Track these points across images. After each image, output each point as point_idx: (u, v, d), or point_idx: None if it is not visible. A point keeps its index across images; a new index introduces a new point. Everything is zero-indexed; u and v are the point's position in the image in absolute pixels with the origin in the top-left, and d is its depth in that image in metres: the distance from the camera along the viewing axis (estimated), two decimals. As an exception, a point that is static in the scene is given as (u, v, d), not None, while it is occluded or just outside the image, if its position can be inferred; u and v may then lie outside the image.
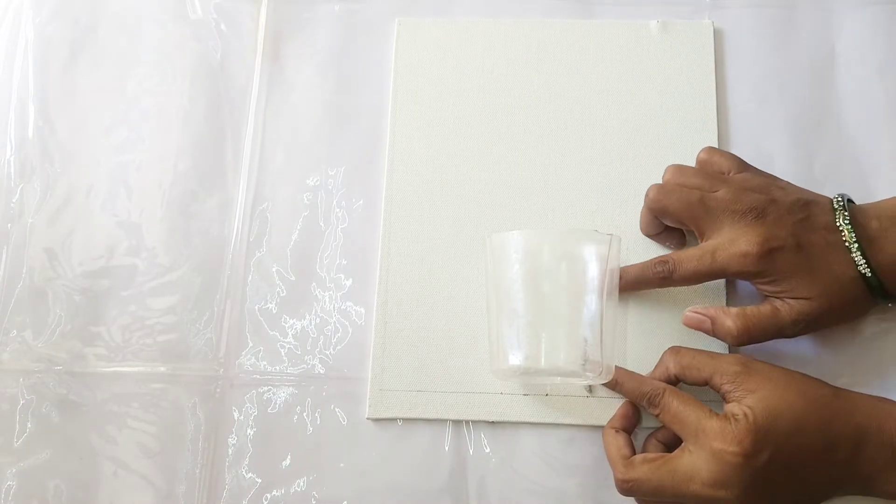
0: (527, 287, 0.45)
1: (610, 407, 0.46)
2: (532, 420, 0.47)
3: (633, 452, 0.43)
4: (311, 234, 0.52)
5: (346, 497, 0.47)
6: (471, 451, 0.47)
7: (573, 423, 0.47)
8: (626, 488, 0.42)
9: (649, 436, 0.45)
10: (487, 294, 0.47)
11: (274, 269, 0.51)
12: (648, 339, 0.48)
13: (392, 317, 0.49)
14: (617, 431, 0.44)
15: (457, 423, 0.48)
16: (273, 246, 0.52)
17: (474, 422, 0.48)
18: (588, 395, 0.47)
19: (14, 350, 0.50)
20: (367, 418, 0.48)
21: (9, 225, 0.53)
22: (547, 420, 0.47)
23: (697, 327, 0.45)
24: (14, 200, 0.54)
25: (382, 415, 0.48)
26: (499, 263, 0.45)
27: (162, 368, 0.50)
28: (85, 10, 0.58)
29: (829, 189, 0.46)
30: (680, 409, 0.42)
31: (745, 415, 0.39)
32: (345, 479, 0.47)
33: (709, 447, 0.39)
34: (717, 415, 0.40)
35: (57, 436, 0.49)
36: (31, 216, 0.53)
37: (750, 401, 0.40)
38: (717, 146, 0.51)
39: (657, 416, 0.43)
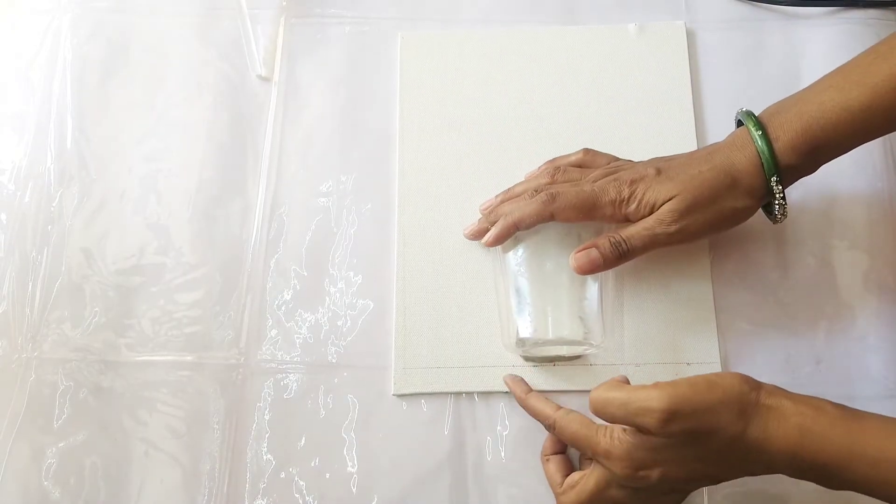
0: (530, 267, 0.48)
1: (608, 374, 0.50)
2: (543, 388, 0.50)
3: (570, 471, 0.46)
4: (324, 236, 0.55)
5: (356, 475, 0.50)
6: (469, 427, 0.50)
7: (579, 389, 0.50)
8: None
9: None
10: (496, 275, 0.51)
11: (290, 268, 0.54)
12: (642, 309, 0.52)
13: (410, 302, 0.52)
14: (548, 459, 0.48)
15: (457, 402, 0.51)
16: (289, 246, 0.55)
17: (477, 396, 0.51)
18: (553, 365, 0.51)
19: (54, 341, 0.53)
20: (393, 394, 0.51)
21: (49, 227, 0.56)
22: (556, 388, 0.50)
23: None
24: (54, 205, 0.56)
25: (406, 390, 0.51)
26: (505, 248, 0.50)
27: (188, 358, 0.52)
28: (118, 32, 0.61)
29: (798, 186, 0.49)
30: (573, 433, 0.43)
31: (629, 454, 0.40)
32: (354, 458, 0.50)
33: (604, 463, 0.42)
34: (604, 433, 0.41)
35: (93, 419, 0.51)
36: (69, 219, 0.56)
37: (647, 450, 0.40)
38: (695, 135, 0.55)
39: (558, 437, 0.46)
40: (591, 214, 0.47)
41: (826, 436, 0.37)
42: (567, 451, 0.49)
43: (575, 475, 0.45)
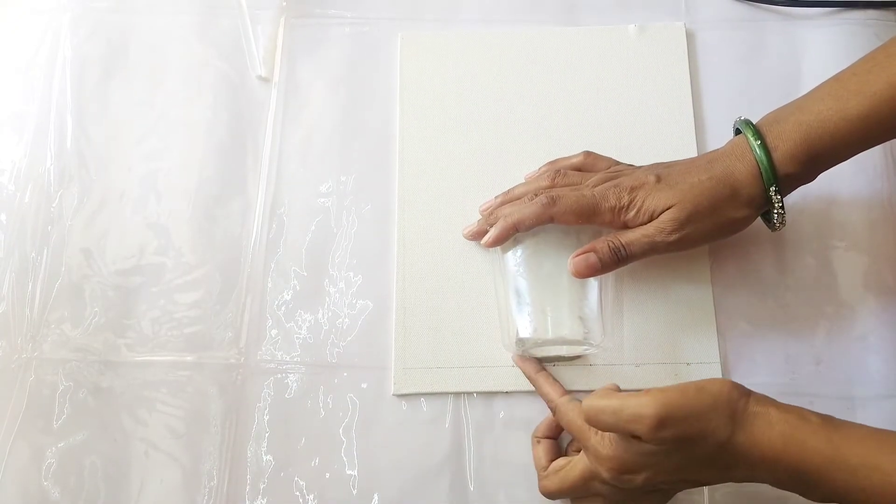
0: (529, 267, 0.49)
1: (609, 374, 0.50)
2: None
3: (557, 456, 0.47)
4: (324, 236, 0.55)
5: (356, 475, 0.50)
6: (469, 427, 0.50)
7: (579, 389, 0.50)
8: (545, 496, 0.46)
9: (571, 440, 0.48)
10: (495, 276, 0.51)
11: (290, 268, 0.54)
12: (642, 309, 0.52)
13: (410, 302, 0.53)
14: (538, 441, 0.48)
15: (457, 402, 0.51)
16: (289, 246, 0.55)
17: (477, 396, 0.51)
18: (554, 365, 0.51)
19: (54, 341, 0.53)
20: (393, 394, 0.51)
21: (49, 227, 0.56)
22: None
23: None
24: (54, 205, 0.56)
25: (406, 390, 0.51)
26: (505, 248, 0.50)
27: (188, 358, 0.53)
28: (117, 31, 0.61)
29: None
30: (569, 421, 0.44)
31: (617, 457, 0.40)
32: (354, 458, 0.50)
33: (591, 459, 0.42)
34: (596, 434, 0.42)
35: (92, 419, 0.51)
36: (69, 219, 0.56)
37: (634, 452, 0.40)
38: (694, 136, 0.55)
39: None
40: (590, 220, 0.48)
41: (808, 443, 0.37)
42: (559, 438, 0.49)
43: (561, 461, 0.46)
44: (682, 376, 0.50)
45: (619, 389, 0.43)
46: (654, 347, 0.51)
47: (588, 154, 0.52)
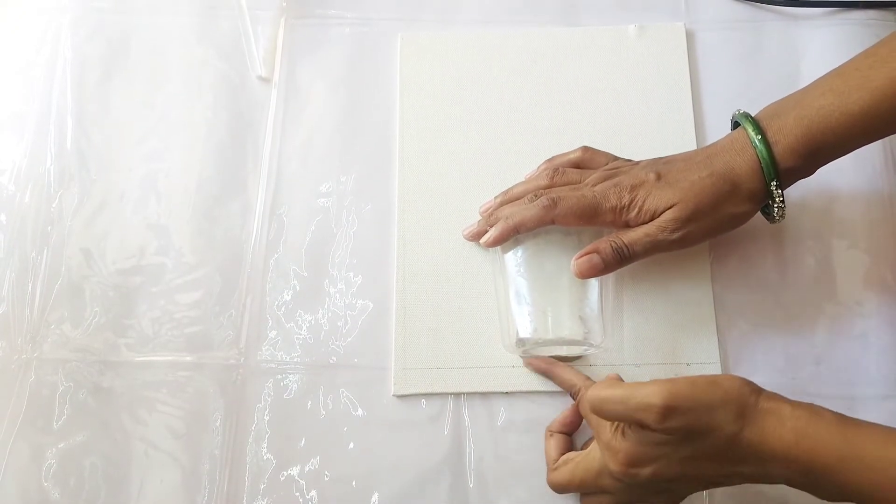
0: (530, 268, 0.49)
1: (609, 373, 0.49)
2: (542, 388, 0.50)
3: (568, 451, 0.47)
4: (324, 236, 0.55)
5: (356, 475, 0.50)
6: (469, 427, 0.50)
7: None
8: (553, 489, 0.46)
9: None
10: (495, 276, 0.51)
11: (290, 268, 0.54)
12: (642, 309, 0.52)
13: (410, 302, 0.53)
14: (551, 435, 0.48)
15: (457, 402, 0.51)
16: (289, 247, 0.55)
17: (477, 396, 0.51)
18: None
19: (54, 341, 0.53)
20: (393, 394, 0.51)
21: (49, 227, 0.56)
22: (556, 388, 0.50)
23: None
24: (54, 205, 0.56)
25: (406, 391, 0.51)
26: (505, 248, 0.50)
27: (188, 358, 0.53)
28: (118, 32, 0.61)
29: (798, 185, 0.49)
30: (587, 412, 0.43)
31: (626, 450, 0.40)
32: (354, 459, 0.50)
33: (602, 452, 0.42)
34: (611, 426, 0.41)
35: (92, 419, 0.51)
36: (69, 219, 0.56)
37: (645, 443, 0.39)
38: (694, 136, 0.56)
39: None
40: (591, 220, 0.48)
41: (821, 439, 0.37)
42: (572, 434, 0.49)
43: (571, 454, 0.46)
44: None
45: (621, 380, 0.43)
46: (654, 348, 0.51)
47: (586, 149, 0.52)
